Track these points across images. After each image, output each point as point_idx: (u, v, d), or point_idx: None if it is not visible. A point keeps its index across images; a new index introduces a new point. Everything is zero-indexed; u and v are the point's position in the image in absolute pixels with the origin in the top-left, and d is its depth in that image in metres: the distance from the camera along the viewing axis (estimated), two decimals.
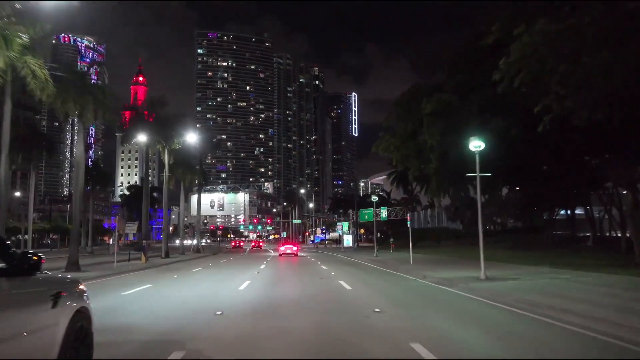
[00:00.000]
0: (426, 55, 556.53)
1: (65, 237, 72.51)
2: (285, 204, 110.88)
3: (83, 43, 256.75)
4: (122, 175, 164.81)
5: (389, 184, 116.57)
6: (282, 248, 43.13)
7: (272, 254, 52.35)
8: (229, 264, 31.47)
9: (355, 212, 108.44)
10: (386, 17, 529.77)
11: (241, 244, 73.27)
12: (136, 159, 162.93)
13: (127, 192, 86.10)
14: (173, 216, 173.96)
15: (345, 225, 56.74)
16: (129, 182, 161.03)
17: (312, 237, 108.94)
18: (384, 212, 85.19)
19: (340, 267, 26.09)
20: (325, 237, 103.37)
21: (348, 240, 54.91)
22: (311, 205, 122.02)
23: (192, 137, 36.70)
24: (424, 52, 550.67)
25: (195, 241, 49.20)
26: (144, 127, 31.94)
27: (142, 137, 31.78)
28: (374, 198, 49.66)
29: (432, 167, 23.39)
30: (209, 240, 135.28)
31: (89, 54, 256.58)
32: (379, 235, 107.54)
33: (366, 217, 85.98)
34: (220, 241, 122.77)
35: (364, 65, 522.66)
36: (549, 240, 36.27)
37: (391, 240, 52.28)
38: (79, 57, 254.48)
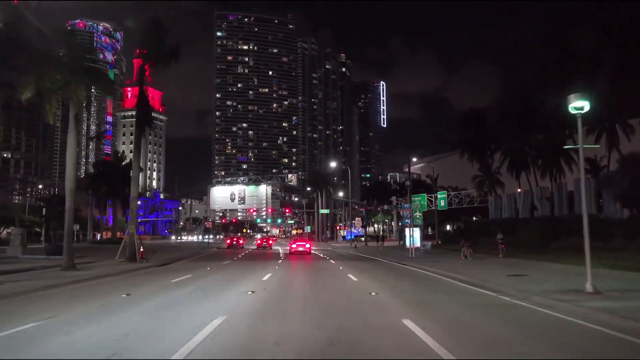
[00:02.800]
0: (454, 49, 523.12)
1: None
2: (309, 189, 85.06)
3: (99, 30, 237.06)
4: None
5: (433, 168, 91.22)
6: (293, 246, 37.01)
7: (282, 255, 33.09)
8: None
9: (399, 200, 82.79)
10: (411, 10, 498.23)
11: (240, 241, 48.85)
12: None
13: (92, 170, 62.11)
14: (181, 208, 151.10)
15: (419, 206, 30.75)
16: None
17: (343, 233, 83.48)
18: (442, 200, 60.15)
19: None
20: (360, 231, 78.09)
21: (415, 238, 29.75)
22: (341, 194, 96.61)
23: None
24: (452, 45, 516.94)
25: (128, 239, 24.49)
26: None
27: None
28: None
29: None
30: (221, 236, 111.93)
31: (105, 40, 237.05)
32: (430, 232, 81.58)
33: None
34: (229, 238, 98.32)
35: (388, 59, 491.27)
36: None
37: (499, 238, 26.73)
38: (94, 43, 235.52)
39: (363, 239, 67.11)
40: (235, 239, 50.17)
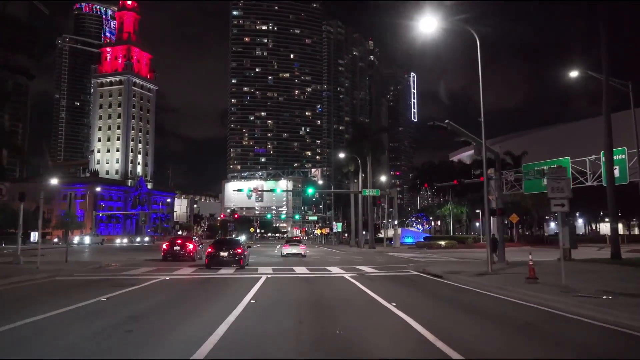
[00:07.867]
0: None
1: None
2: (344, 155, 51.74)
3: (108, 14, 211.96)
4: (99, 140, 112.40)
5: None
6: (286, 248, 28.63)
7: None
8: None
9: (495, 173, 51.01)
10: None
11: (189, 247, 20.04)
12: (119, 116, 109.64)
13: None
14: (169, 200, 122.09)
15: None
16: (108, 150, 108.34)
17: (394, 231, 51.84)
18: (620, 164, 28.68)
19: None
20: (421, 230, 46.98)
21: None
22: (383, 178, 65.54)
23: None
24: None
25: None
26: None
27: None
28: None
29: None
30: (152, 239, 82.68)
31: (114, 25, 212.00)
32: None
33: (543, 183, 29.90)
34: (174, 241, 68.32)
35: (413, 55, 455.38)
36: None
37: None
38: (103, 29, 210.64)
39: (442, 243, 35.61)
40: (178, 242, 21.20)
